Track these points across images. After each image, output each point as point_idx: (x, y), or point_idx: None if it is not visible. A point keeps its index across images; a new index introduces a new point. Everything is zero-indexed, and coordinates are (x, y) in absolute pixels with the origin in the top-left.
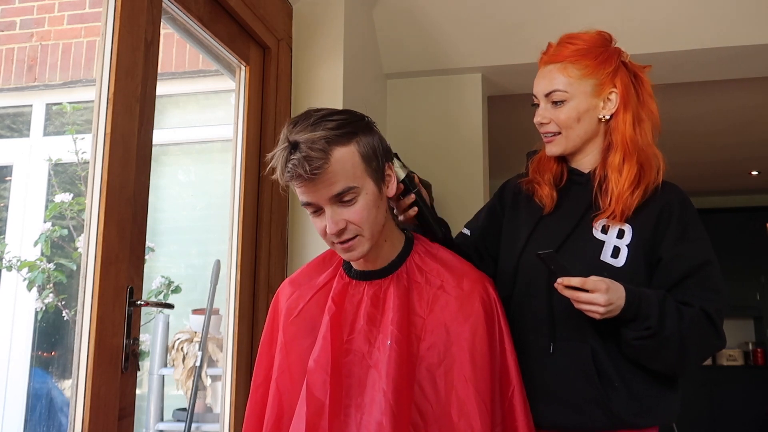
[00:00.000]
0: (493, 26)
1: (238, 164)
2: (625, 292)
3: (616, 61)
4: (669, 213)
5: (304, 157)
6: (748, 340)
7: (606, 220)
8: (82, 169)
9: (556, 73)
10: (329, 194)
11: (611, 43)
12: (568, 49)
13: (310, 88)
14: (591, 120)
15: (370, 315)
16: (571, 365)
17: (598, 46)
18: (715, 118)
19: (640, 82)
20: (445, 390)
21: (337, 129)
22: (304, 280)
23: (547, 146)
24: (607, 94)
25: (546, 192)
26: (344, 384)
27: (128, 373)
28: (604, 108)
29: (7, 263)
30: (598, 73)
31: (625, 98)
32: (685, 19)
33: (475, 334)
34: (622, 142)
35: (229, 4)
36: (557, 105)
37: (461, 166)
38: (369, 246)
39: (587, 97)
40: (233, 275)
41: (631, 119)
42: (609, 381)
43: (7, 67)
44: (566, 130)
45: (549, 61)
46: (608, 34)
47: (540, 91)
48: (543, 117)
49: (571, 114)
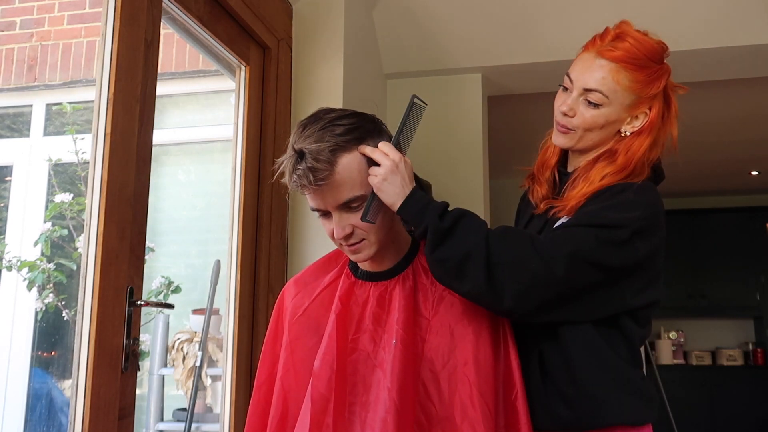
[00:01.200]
0: (493, 26)
1: (238, 164)
2: (413, 191)
3: (663, 83)
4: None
5: (309, 168)
6: (748, 340)
7: (566, 218)
8: (82, 169)
9: (605, 72)
10: (336, 203)
11: (665, 59)
12: (627, 50)
13: (310, 88)
14: (612, 130)
15: (375, 315)
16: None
17: (655, 62)
18: (715, 118)
19: (669, 106)
20: (449, 392)
21: (344, 135)
22: (310, 280)
23: (557, 136)
24: (639, 112)
25: (538, 190)
26: (349, 382)
27: (128, 373)
28: (629, 124)
29: (7, 263)
30: (643, 91)
31: (653, 124)
32: (685, 19)
33: (479, 336)
34: (625, 162)
35: (229, 4)
36: (590, 104)
37: (461, 166)
38: (376, 249)
39: (622, 109)
40: (233, 275)
41: (648, 144)
42: (554, 383)
43: (7, 67)
44: (586, 132)
45: (602, 54)
46: (666, 46)
47: (580, 82)
48: (570, 109)
49: (599, 120)
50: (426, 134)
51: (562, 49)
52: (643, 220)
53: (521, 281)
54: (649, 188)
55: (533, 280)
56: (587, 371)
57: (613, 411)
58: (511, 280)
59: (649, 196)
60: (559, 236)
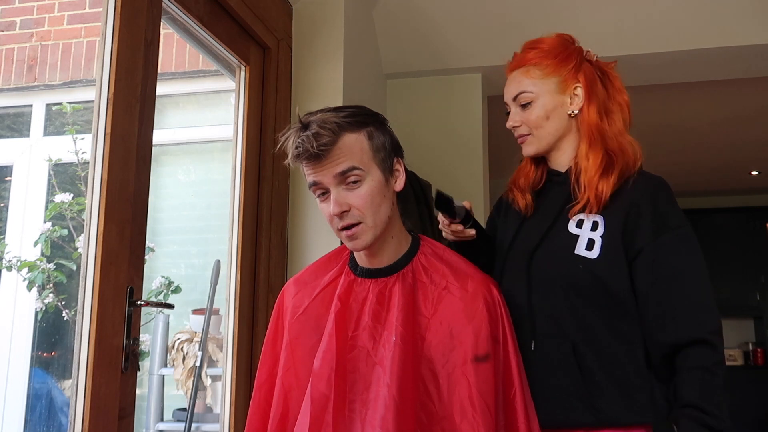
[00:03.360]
0: (493, 26)
1: (238, 164)
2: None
3: (577, 57)
4: (639, 202)
5: (314, 134)
6: (748, 340)
7: (583, 215)
8: (82, 169)
9: (520, 76)
10: (334, 172)
11: (573, 43)
12: (530, 54)
13: (310, 88)
14: (561, 117)
15: (375, 312)
16: (552, 361)
17: (559, 47)
18: (715, 118)
19: (608, 77)
20: (448, 391)
21: (349, 117)
22: (310, 279)
23: (524, 149)
24: (573, 90)
25: (520, 197)
26: (349, 379)
27: (128, 373)
28: (572, 104)
29: (7, 263)
30: (561, 70)
31: (590, 91)
32: (685, 19)
33: (479, 335)
34: (587, 130)
35: (229, 4)
36: (525, 107)
37: (461, 166)
38: (372, 236)
39: (553, 94)
40: (233, 275)
41: (596, 109)
42: (591, 376)
43: (7, 67)
44: (536, 129)
45: (513, 68)
46: (569, 35)
47: (508, 98)
48: (514, 120)
49: (539, 113)
50: (426, 134)
51: None
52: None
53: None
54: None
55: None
56: (623, 367)
57: (646, 408)
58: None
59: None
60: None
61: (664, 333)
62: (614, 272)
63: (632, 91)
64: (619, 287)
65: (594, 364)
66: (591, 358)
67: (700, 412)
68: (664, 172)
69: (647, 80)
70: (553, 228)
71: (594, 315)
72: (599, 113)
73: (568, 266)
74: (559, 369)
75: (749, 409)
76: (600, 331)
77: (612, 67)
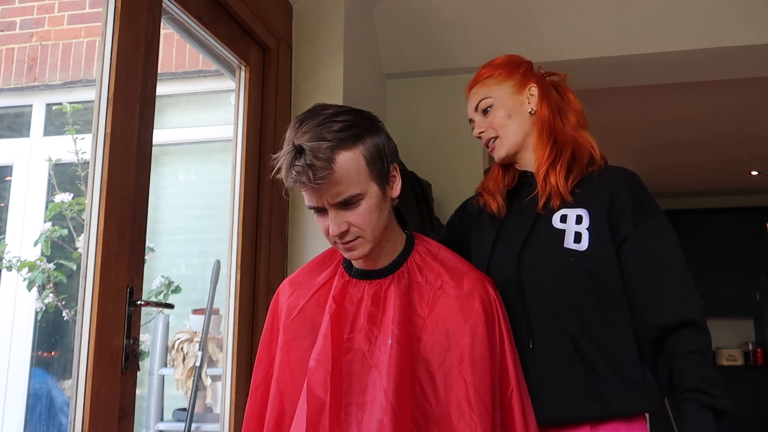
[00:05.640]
0: (493, 26)
1: (238, 164)
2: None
3: (527, 65)
4: (618, 191)
5: (309, 165)
6: (748, 340)
7: (566, 209)
8: (82, 169)
9: (478, 88)
10: (333, 201)
11: (522, 58)
12: (484, 70)
13: (310, 88)
14: (522, 115)
15: (370, 314)
16: (552, 357)
17: (508, 60)
18: (715, 118)
19: (561, 88)
20: (445, 391)
21: (342, 132)
22: (304, 280)
23: (494, 154)
24: (528, 90)
25: (491, 200)
26: (345, 382)
27: (128, 373)
28: (530, 102)
29: (7, 263)
30: (513, 75)
31: (542, 90)
32: (684, 19)
33: (475, 334)
34: (539, 125)
35: (229, 4)
36: (487, 113)
37: (461, 166)
38: (370, 247)
39: (510, 95)
40: (233, 275)
41: (548, 108)
42: (593, 367)
43: (7, 67)
44: (501, 130)
45: (471, 86)
46: (519, 56)
47: (471, 110)
48: (479, 127)
49: (501, 113)
50: (426, 134)
51: (562, 49)
52: None
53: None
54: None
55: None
56: (620, 356)
57: (647, 395)
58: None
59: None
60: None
61: (655, 316)
62: (605, 262)
63: (631, 91)
64: (610, 276)
65: (595, 356)
66: (591, 351)
67: (703, 395)
68: (664, 171)
69: (647, 80)
70: (537, 225)
71: (588, 307)
72: (552, 111)
73: (560, 260)
74: (562, 364)
75: (749, 409)
76: (595, 322)
77: (563, 80)
